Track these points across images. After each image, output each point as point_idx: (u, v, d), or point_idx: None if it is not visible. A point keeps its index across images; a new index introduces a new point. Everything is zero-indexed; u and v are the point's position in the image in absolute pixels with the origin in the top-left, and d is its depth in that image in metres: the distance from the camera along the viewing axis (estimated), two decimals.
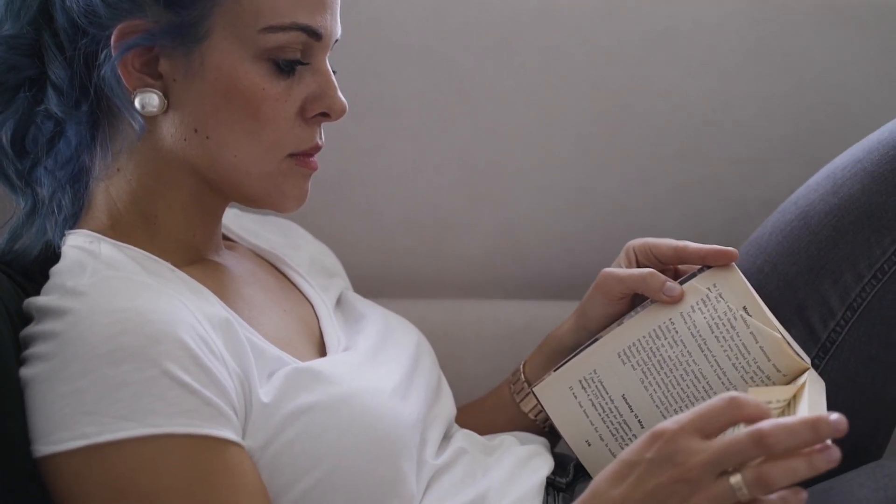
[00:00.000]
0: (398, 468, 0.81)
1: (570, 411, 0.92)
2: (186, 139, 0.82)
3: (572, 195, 1.25)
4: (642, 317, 0.92)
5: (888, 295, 0.93)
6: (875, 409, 0.96)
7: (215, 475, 0.72)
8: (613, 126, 1.24)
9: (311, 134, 0.85)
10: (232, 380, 0.75)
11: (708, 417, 0.69)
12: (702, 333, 0.89)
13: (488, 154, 1.24)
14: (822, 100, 1.24)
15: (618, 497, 0.70)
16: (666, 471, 0.68)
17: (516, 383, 1.02)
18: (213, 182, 0.85)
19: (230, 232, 0.99)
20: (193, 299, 0.79)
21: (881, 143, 0.96)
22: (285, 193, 0.86)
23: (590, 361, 0.92)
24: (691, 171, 1.25)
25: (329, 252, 1.10)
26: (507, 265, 1.27)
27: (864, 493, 0.82)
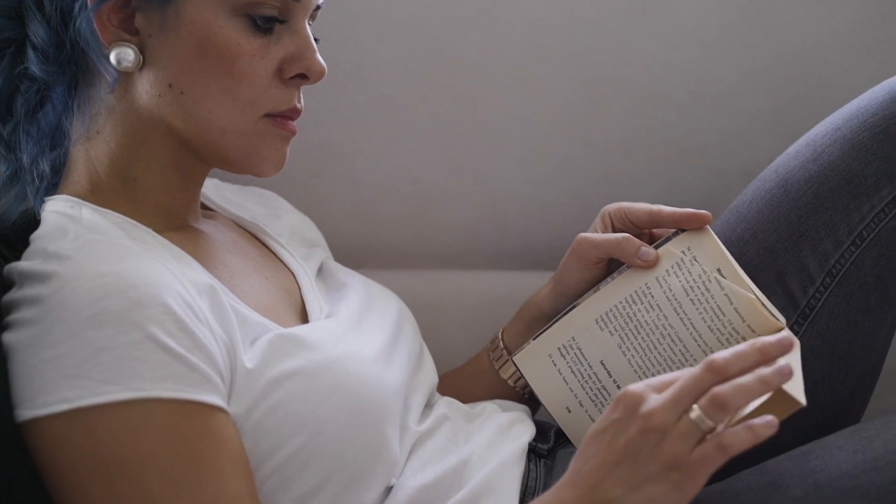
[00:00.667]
0: (381, 433, 0.81)
1: (549, 379, 0.93)
2: (161, 95, 0.82)
3: (554, 165, 1.25)
4: (618, 282, 0.93)
5: (867, 261, 0.94)
6: (853, 375, 0.97)
7: (199, 441, 0.72)
8: (595, 97, 1.24)
9: (288, 96, 0.85)
10: (218, 345, 0.75)
11: (673, 378, 0.71)
12: (677, 297, 0.90)
13: (470, 125, 1.24)
14: (802, 71, 1.24)
15: (594, 464, 0.71)
16: (632, 424, 0.70)
17: (495, 350, 1.02)
18: (190, 142, 0.84)
19: (210, 202, 0.98)
20: (177, 265, 0.78)
21: (860, 110, 0.96)
22: (263, 156, 0.85)
23: (568, 329, 0.93)
24: (672, 142, 1.26)
25: (310, 222, 1.10)
26: (489, 235, 1.27)
27: (842, 456, 0.83)
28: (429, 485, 0.83)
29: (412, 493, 0.82)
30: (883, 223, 0.93)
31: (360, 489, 0.80)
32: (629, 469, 0.70)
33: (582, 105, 1.24)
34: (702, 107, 1.25)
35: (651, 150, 1.26)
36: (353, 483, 0.79)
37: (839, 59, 1.24)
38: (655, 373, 0.90)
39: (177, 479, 0.71)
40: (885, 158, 0.93)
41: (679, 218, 0.92)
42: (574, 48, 1.23)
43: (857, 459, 0.82)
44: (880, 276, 0.95)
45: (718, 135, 1.26)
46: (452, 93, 1.23)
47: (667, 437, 0.69)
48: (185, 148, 0.85)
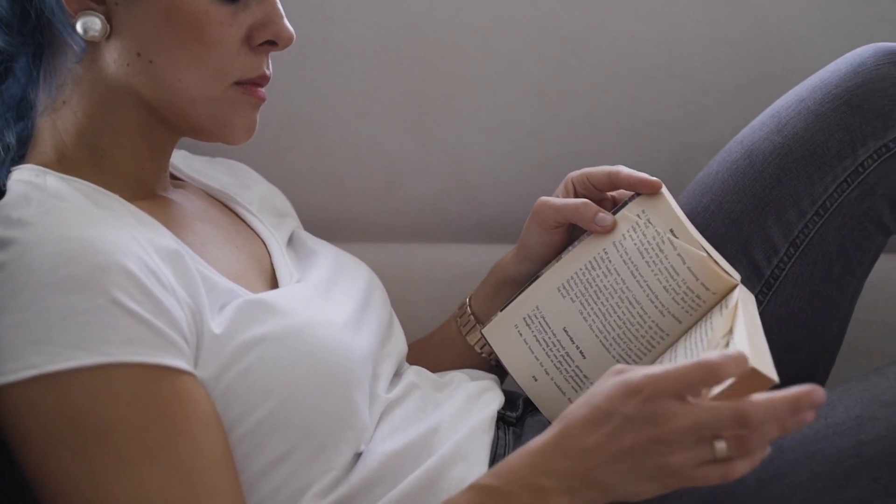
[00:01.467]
0: (350, 399, 0.82)
1: (516, 349, 0.94)
2: (129, 64, 0.82)
3: (522, 139, 1.26)
4: (578, 250, 0.94)
5: (830, 231, 0.95)
6: (816, 344, 0.99)
7: (168, 404, 0.72)
8: (563, 70, 1.25)
9: (257, 63, 0.84)
10: (183, 310, 0.75)
11: (685, 381, 0.69)
12: (633, 260, 0.91)
13: (439, 98, 1.24)
14: (768, 45, 1.25)
15: (592, 445, 0.71)
16: (645, 430, 0.69)
17: (462, 317, 1.03)
18: (159, 111, 0.84)
19: (180, 172, 0.98)
20: (142, 230, 0.78)
21: (824, 82, 0.98)
22: (233, 123, 0.85)
23: (532, 299, 0.94)
24: (639, 116, 1.27)
25: (279, 193, 1.10)
26: (458, 209, 1.28)
27: None
28: (398, 451, 0.83)
29: (382, 459, 0.82)
30: (845, 193, 0.95)
31: (330, 454, 0.80)
32: (629, 466, 0.70)
33: (550, 78, 1.24)
34: (668, 81, 1.26)
35: (618, 124, 1.26)
36: (322, 448, 0.79)
37: (804, 33, 1.25)
38: (616, 336, 0.91)
39: (148, 442, 0.71)
40: (848, 129, 0.94)
41: (635, 182, 0.94)
42: (542, 21, 1.23)
43: (819, 425, 0.83)
44: (843, 246, 0.96)
45: (684, 108, 1.26)
46: (421, 66, 1.23)
47: (677, 454, 0.69)
48: (153, 117, 0.85)
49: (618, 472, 0.71)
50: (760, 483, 0.81)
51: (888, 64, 0.95)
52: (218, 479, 0.73)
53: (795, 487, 0.80)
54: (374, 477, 0.82)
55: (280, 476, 0.78)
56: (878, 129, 0.94)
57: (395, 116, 1.24)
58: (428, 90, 1.23)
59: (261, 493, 0.78)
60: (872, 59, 0.96)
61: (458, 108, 1.24)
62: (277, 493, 0.79)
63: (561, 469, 0.72)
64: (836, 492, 0.79)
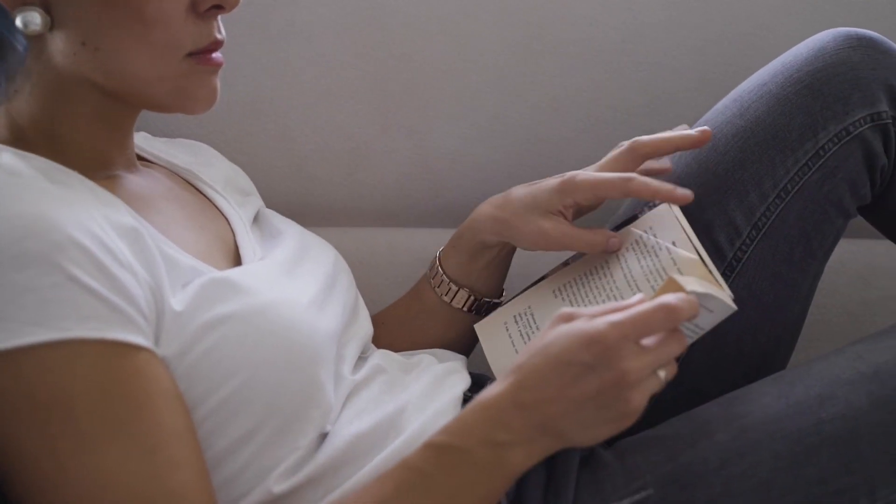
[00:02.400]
0: (315, 377, 0.82)
1: (500, 344, 0.95)
2: (76, 53, 0.80)
3: (486, 123, 1.26)
4: (586, 259, 0.96)
5: (791, 214, 0.96)
6: (778, 325, 0.99)
7: (129, 379, 0.71)
8: (527, 55, 1.25)
9: (207, 29, 0.82)
10: (141, 288, 0.74)
11: (643, 324, 0.72)
12: (629, 264, 0.92)
13: (402, 82, 1.23)
14: (729, 31, 1.26)
15: (552, 396, 0.73)
16: (606, 377, 0.72)
17: (441, 286, 1.03)
18: (115, 93, 0.83)
19: (143, 152, 0.97)
20: (99, 207, 0.77)
21: (785, 66, 0.99)
22: (192, 94, 0.84)
23: (527, 299, 0.96)
24: (603, 101, 1.27)
25: (242, 172, 1.09)
26: (421, 193, 1.28)
27: (766, 401, 0.85)
28: (365, 432, 0.83)
29: (349, 440, 0.82)
30: (807, 176, 0.96)
31: (296, 434, 0.80)
32: (591, 413, 0.73)
33: (513, 63, 1.25)
34: (631, 66, 1.26)
35: (581, 108, 1.27)
36: (287, 427, 0.79)
37: (765, 18, 1.26)
38: None
39: (108, 417, 0.70)
40: (809, 112, 0.95)
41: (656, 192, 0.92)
42: (506, 5, 1.23)
43: (780, 404, 0.85)
44: (804, 229, 0.97)
45: (647, 94, 1.27)
46: (385, 50, 1.22)
47: (636, 392, 0.72)
48: (109, 99, 0.84)
49: (577, 420, 0.73)
50: (723, 462, 0.82)
51: (848, 48, 0.96)
52: (180, 453, 0.72)
53: (757, 466, 0.81)
54: (340, 457, 0.82)
55: (245, 455, 0.78)
56: (839, 113, 0.95)
57: (358, 100, 1.23)
58: (391, 74, 1.23)
59: (226, 471, 0.78)
60: (833, 43, 0.97)
61: (421, 92, 1.24)
62: (243, 472, 0.78)
63: (518, 422, 0.73)
64: (797, 469, 0.80)
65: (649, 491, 0.82)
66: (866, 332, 0.93)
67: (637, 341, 0.72)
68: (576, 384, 0.72)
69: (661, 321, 0.73)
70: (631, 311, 0.73)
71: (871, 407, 0.82)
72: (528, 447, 0.74)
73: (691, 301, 0.74)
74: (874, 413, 0.82)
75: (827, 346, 0.93)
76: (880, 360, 0.85)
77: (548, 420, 0.73)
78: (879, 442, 0.81)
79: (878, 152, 0.96)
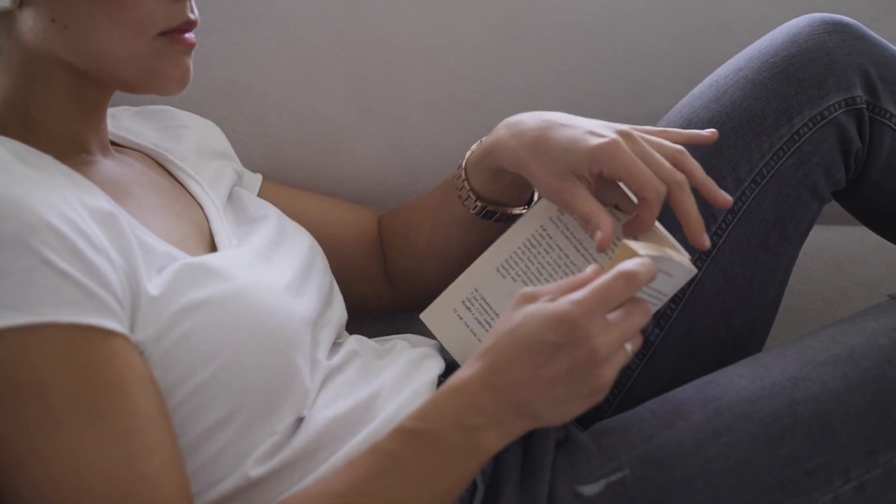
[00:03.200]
0: (292, 362, 0.82)
1: (457, 333, 0.94)
2: (46, 31, 0.80)
3: (463, 109, 1.26)
4: (515, 229, 0.93)
5: (766, 198, 0.97)
6: (753, 309, 1.00)
7: (103, 364, 0.71)
8: (505, 41, 1.25)
9: (179, 9, 0.82)
10: (116, 273, 0.74)
11: (606, 296, 0.73)
12: (576, 234, 0.91)
13: (381, 67, 1.23)
14: (706, 17, 1.26)
15: (524, 378, 0.73)
16: (577, 354, 0.72)
17: (468, 200, 1.00)
18: (87, 73, 0.82)
19: (112, 136, 0.96)
20: (74, 191, 0.77)
21: (761, 51, 0.99)
22: (165, 74, 0.83)
23: (470, 281, 0.93)
24: (581, 87, 1.27)
25: (214, 130, 1.09)
26: (399, 179, 1.27)
27: (741, 383, 0.86)
28: (340, 416, 0.83)
29: (325, 424, 0.82)
30: (781, 161, 0.96)
31: (272, 418, 0.80)
32: (563, 392, 0.73)
33: (491, 48, 1.24)
34: (609, 52, 1.26)
35: (559, 95, 1.27)
36: (264, 412, 0.79)
37: (742, 5, 1.26)
38: None
39: (82, 401, 0.70)
40: (784, 98, 0.96)
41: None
42: None
43: (755, 386, 0.85)
44: (779, 214, 0.98)
45: (625, 80, 1.27)
46: (362, 35, 1.22)
47: (605, 365, 0.73)
48: (81, 79, 0.83)
49: (550, 399, 0.74)
50: (698, 443, 0.82)
51: (823, 34, 0.97)
52: (153, 438, 0.72)
53: (732, 446, 0.82)
54: (316, 441, 0.82)
55: (222, 440, 0.78)
56: (814, 98, 0.96)
57: (335, 85, 1.23)
58: (369, 59, 1.22)
59: (202, 456, 0.78)
60: (808, 28, 0.98)
61: (399, 77, 1.24)
62: (219, 457, 0.78)
63: (491, 405, 0.74)
64: (771, 450, 0.81)
65: (625, 472, 0.82)
66: (841, 318, 0.93)
67: (603, 316, 0.73)
68: (547, 364, 0.73)
69: (623, 290, 0.73)
70: (592, 286, 0.73)
71: (844, 388, 0.83)
72: (501, 428, 0.74)
73: (647, 263, 0.74)
74: (848, 394, 0.83)
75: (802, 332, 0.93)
76: (854, 342, 0.86)
77: (521, 401, 0.74)
78: (853, 423, 0.82)
79: (853, 137, 0.96)
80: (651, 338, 0.99)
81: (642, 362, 0.99)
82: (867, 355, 0.84)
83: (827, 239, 1.31)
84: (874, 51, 0.98)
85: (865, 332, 0.87)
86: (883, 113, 0.97)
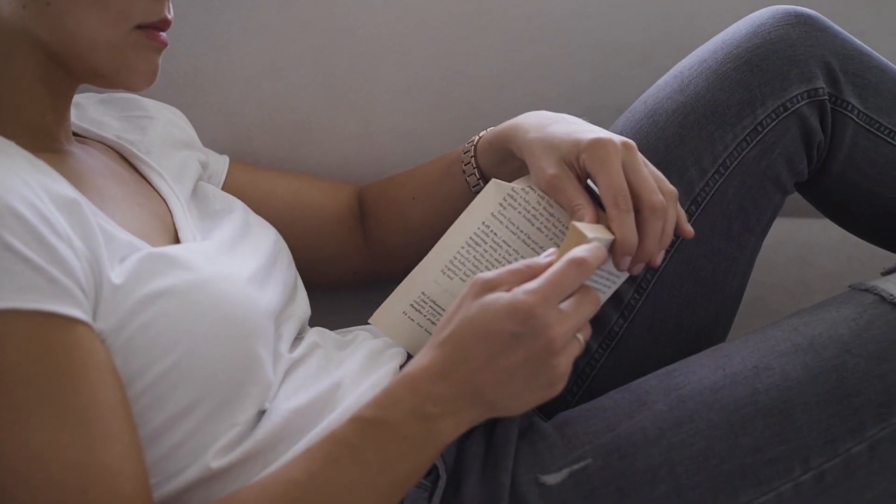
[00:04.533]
0: (255, 353, 0.81)
1: (412, 334, 0.92)
2: (25, 6, 0.79)
3: (430, 99, 1.26)
4: (454, 229, 0.91)
5: (729, 189, 0.97)
6: (716, 300, 1.00)
7: (65, 352, 0.70)
8: (472, 31, 1.24)
9: (159, 7, 0.83)
10: (79, 260, 0.73)
11: (561, 285, 0.74)
12: (521, 228, 0.90)
13: (347, 55, 1.23)
14: (671, 8, 1.27)
15: (480, 366, 0.74)
16: (534, 344, 0.73)
17: (471, 176, 1.01)
18: (57, 55, 0.82)
19: (76, 127, 0.96)
20: (37, 176, 0.76)
21: (725, 43, 0.99)
22: (134, 67, 0.84)
23: (416, 284, 0.92)
24: (548, 78, 1.27)
25: (178, 117, 1.08)
26: (365, 168, 1.27)
27: (704, 372, 0.87)
28: (301, 407, 0.83)
29: (286, 416, 0.82)
30: (745, 152, 0.97)
31: (234, 409, 0.79)
32: (521, 381, 0.74)
33: (458, 37, 1.24)
34: (575, 43, 1.27)
35: (526, 85, 1.27)
36: (226, 403, 0.79)
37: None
38: None
39: (42, 389, 0.69)
40: (748, 88, 0.96)
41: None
42: None
43: (717, 375, 0.86)
44: (742, 204, 0.98)
45: (592, 70, 1.28)
46: (329, 23, 1.21)
47: (562, 356, 0.74)
48: (52, 62, 0.83)
49: (507, 389, 0.74)
50: (661, 432, 0.83)
51: (786, 25, 0.98)
52: (114, 427, 0.72)
53: (694, 435, 0.82)
54: (278, 433, 0.81)
55: (183, 430, 0.78)
56: (777, 89, 0.96)
57: (302, 74, 1.22)
58: (336, 47, 1.22)
59: (163, 447, 0.77)
60: (771, 20, 0.99)
61: (365, 66, 1.23)
62: (180, 448, 0.78)
63: (447, 394, 0.74)
64: (732, 438, 0.82)
65: (588, 461, 0.83)
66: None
67: (557, 305, 0.74)
68: (504, 354, 0.73)
69: (575, 277, 0.74)
70: (545, 275, 0.74)
71: (805, 378, 0.84)
72: (457, 417, 0.75)
73: (595, 248, 0.75)
74: (808, 384, 0.83)
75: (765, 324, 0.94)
76: (815, 332, 0.87)
77: (477, 390, 0.74)
78: (813, 412, 0.82)
79: (815, 128, 0.97)
80: (615, 328, 0.99)
81: (606, 352, 1.00)
82: (827, 345, 0.85)
83: (791, 231, 1.32)
84: (837, 43, 0.98)
85: (826, 322, 0.87)
86: (845, 105, 0.97)
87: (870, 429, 0.83)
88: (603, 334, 0.99)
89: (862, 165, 0.99)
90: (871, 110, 0.98)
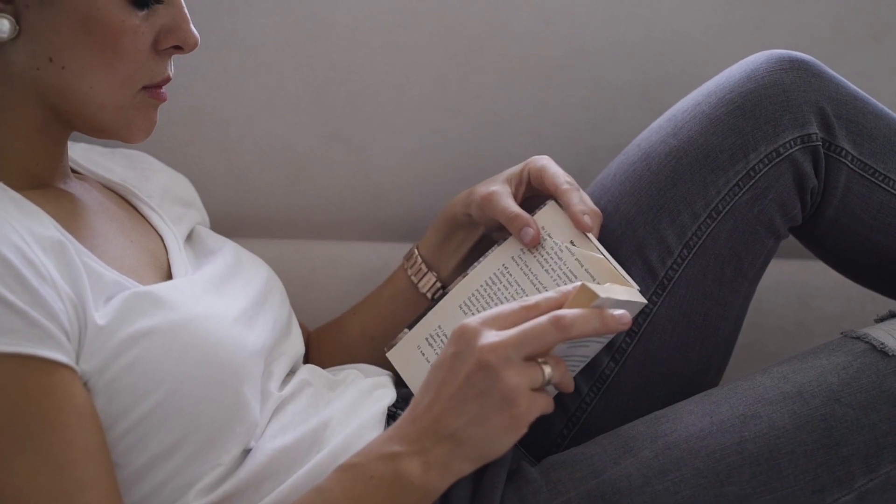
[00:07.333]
0: (240, 394, 0.81)
1: (418, 368, 0.95)
2: (40, 68, 0.81)
3: (427, 137, 1.26)
4: (481, 267, 0.96)
5: (722, 234, 0.97)
6: (708, 345, 1.00)
7: (43, 396, 0.71)
8: (468, 69, 1.25)
9: (163, 66, 0.85)
10: (63, 303, 0.74)
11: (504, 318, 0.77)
12: (533, 270, 0.93)
13: (343, 94, 1.23)
14: (668, 49, 1.27)
15: (433, 397, 0.76)
16: (470, 358, 0.75)
17: (413, 267, 1.06)
18: (63, 113, 0.84)
19: (79, 166, 0.97)
20: (22, 219, 0.77)
21: (719, 87, 0.99)
22: (136, 125, 0.86)
23: (436, 318, 0.96)
24: (545, 118, 1.28)
25: (184, 181, 1.09)
26: (362, 206, 1.27)
27: (691, 419, 0.86)
28: (287, 447, 0.83)
29: (271, 454, 0.82)
30: (737, 197, 0.96)
31: (218, 450, 0.79)
32: (473, 404, 0.75)
33: (455, 77, 1.25)
34: (572, 82, 1.27)
35: (522, 124, 1.27)
36: (210, 443, 0.79)
37: (703, 37, 1.27)
38: None
39: (18, 432, 0.69)
40: (740, 133, 0.96)
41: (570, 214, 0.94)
42: (447, 19, 1.23)
43: (704, 422, 0.85)
44: (735, 249, 0.97)
45: (589, 111, 1.28)
46: (325, 62, 1.22)
47: (507, 370, 0.74)
48: (53, 117, 0.84)
49: (463, 416, 0.75)
50: (646, 479, 0.82)
51: (780, 70, 0.97)
52: (91, 471, 0.72)
53: (679, 483, 0.81)
54: (262, 472, 0.81)
55: (166, 471, 0.78)
56: (769, 134, 0.96)
57: (298, 112, 1.23)
58: (332, 86, 1.23)
59: (145, 487, 0.77)
60: (766, 65, 0.98)
61: (362, 104, 1.24)
62: (163, 489, 0.78)
63: (410, 432, 0.76)
64: (718, 487, 0.81)
65: None
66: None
67: (498, 327, 0.76)
68: (449, 379, 0.75)
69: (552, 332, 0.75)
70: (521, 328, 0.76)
71: (793, 426, 0.83)
72: (424, 457, 0.75)
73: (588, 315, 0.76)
74: (795, 433, 0.83)
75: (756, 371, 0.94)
76: (804, 379, 0.86)
77: (435, 423, 0.75)
78: (800, 461, 0.82)
79: (808, 173, 0.97)
80: (606, 371, 0.98)
81: (597, 395, 0.99)
82: (816, 393, 0.84)
83: (790, 273, 1.31)
84: (831, 88, 0.98)
85: (815, 370, 0.87)
86: (839, 151, 0.97)
87: (858, 479, 0.82)
88: (594, 377, 0.99)
89: (856, 211, 0.99)
90: (866, 156, 0.98)
